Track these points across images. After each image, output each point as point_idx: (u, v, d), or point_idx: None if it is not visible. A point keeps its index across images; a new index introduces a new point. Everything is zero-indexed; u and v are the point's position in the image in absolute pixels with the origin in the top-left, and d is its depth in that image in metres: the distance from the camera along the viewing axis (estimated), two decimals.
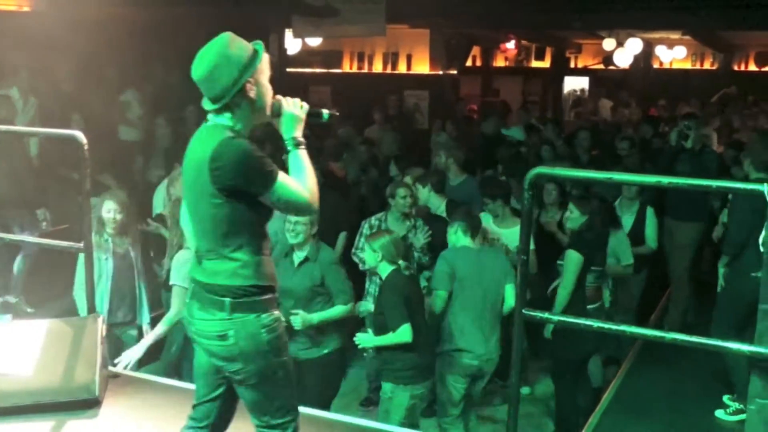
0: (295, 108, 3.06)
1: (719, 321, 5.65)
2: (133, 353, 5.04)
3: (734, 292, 5.65)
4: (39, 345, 4.25)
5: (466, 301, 5.33)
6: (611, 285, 6.46)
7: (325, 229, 6.09)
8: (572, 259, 5.52)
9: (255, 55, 2.95)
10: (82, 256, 4.95)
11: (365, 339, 5.20)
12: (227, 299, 2.90)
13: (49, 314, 5.67)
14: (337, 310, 5.25)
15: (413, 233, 6.23)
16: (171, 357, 5.82)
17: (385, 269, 5.12)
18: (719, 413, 5.67)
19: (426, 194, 6.62)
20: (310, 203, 2.95)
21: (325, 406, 5.17)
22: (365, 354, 6.03)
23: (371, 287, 6.16)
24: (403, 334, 4.92)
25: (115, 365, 4.81)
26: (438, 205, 6.62)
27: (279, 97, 3.06)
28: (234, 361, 2.94)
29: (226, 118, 2.94)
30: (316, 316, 5.18)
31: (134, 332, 5.57)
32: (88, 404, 4.18)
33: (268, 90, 3.02)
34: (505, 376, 5.59)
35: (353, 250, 6.43)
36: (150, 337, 5.26)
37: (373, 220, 6.36)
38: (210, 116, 2.98)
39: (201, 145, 2.90)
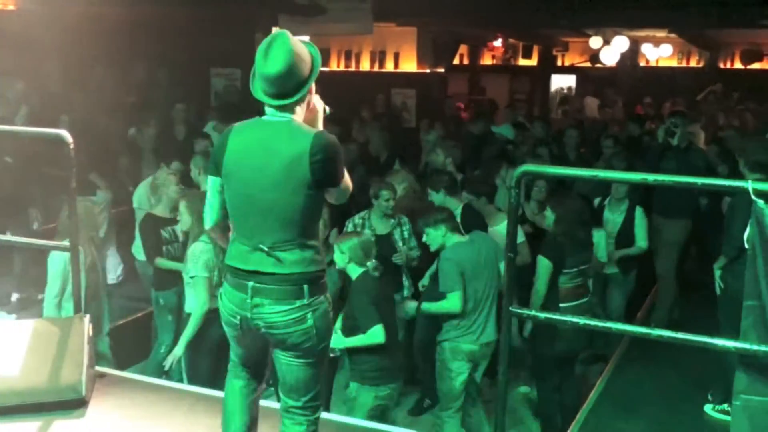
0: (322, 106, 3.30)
1: (725, 326, 5.52)
2: (176, 351, 5.30)
3: (736, 294, 5.63)
4: (25, 345, 4.23)
5: (469, 291, 5.36)
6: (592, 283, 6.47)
7: None
8: (542, 265, 5.57)
9: (318, 57, 3.14)
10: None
11: (336, 340, 5.07)
12: (306, 286, 3.05)
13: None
14: None
15: (398, 231, 6.24)
16: (160, 357, 5.82)
17: (355, 271, 5.08)
18: (708, 408, 5.72)
19: (441, 199, 6.38)
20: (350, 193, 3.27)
21: (326, 408, 5.17)
22: (332, 354, 5.93)
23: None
24: (376, 335, 4.90)
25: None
26: (455, 207, 6.25)
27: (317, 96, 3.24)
28: (307, 341, 3.09)
29: (289, 115, 3.06)
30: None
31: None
32: (75, 404, 4.17)
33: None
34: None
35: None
36: (188, 332, 5.33)
37: (357, 218, 6.34)
38: (270, 111, 3.08)
39: (283, 138, 3.00)
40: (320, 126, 3.20)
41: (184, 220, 5.58)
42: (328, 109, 3.33)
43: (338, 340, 5.09)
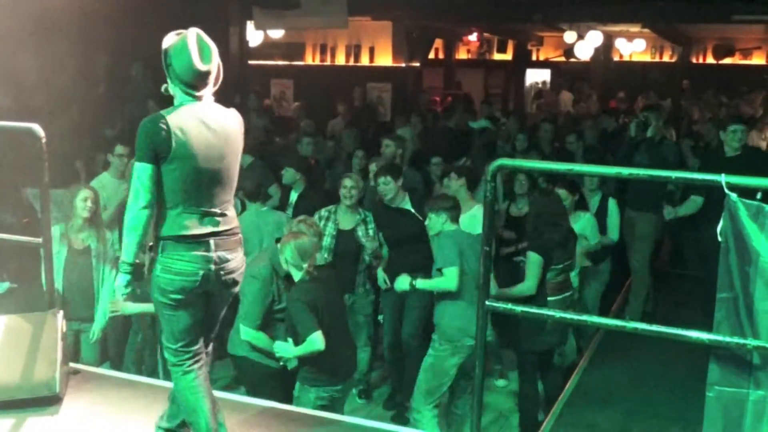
0: None
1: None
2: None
3: None
4: None
5: (465, 282, 5.31)
6: (577, 277, 6.53)
7: None
8: (533, 261, 5.57)
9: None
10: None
11: (283, 349, 4.90)
12: (239, 236, 3.66)
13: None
14: None
15: (362, 228, 6.22)
16: (136, 346, 5.83)
17: (295, 275, 4.85)
18: None
19: (457, 187, 6.35)
20: None
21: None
22: (281, 363, 5.45)
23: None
24: (314, 342, 4.65)
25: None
26: (471, 206, 6.23)
27: None
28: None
29: (211, 98, 3.54)
30: None
31: (93, 327, 5.52)
32: (49, 401, 4.14)
33: None
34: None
35: None
36: None
37: (324, 211, 6.29)
38: (207, 97, 3.51)
39: (220, 117, 3.53)
40: None
41: None
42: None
43: (285, 349, 4.88)
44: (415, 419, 5.51)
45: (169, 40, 3.44)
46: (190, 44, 3.39)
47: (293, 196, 6.98)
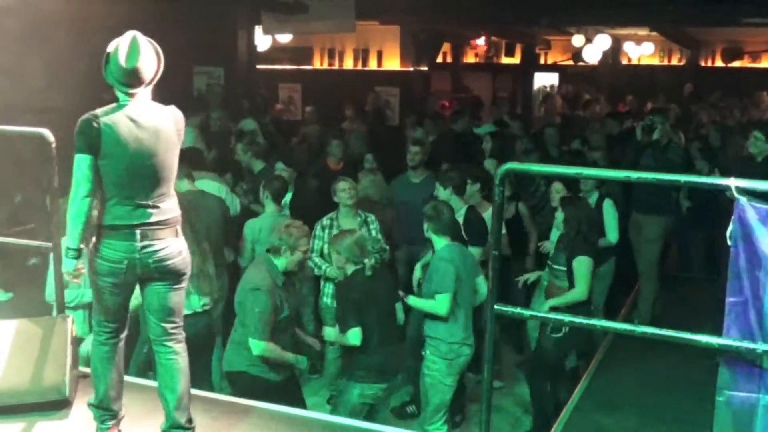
0: None
1: None
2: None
3: None
4: (7, 346, 4.20)
5: (462, 297, 5.31)
6: None
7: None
8: (584, 263, 5.59)
9: (160, 54, 3.74)
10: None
11: (329, 333, 5.34)
12: (173, 227, 3.81)
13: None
14: None
15: (365, 229, 6.22)
16: (143, 357, 5.80)
17: (350, 269, 5.16)
18: None
19: (447, 196, 6.31)
20: None
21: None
22: (331, 347, 6.09)
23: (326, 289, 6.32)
24: (352, 337, 4.96)
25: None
26: (459, 208, 6.24)
27: None
28: (185, 271, 3.88)
29: (147, 98, 3.76)
30: None
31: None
32: (59, 405, 4.15)
33: None
34: (477, 369, 5.60)
35: (309, 254, 6.39)
36: None
37: (325, 220, 6.34)
38: (142, 95, 3.71)
39: (152, 115, 3.71)
40: None
41: None
42: None
43: (331, 333, 5.25)
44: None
45: (111, 44, 3.67)
46: (121, 45, 3.62)
47: (287, 197, 6.98)
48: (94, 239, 3.77)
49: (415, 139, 8.34)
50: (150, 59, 3.67)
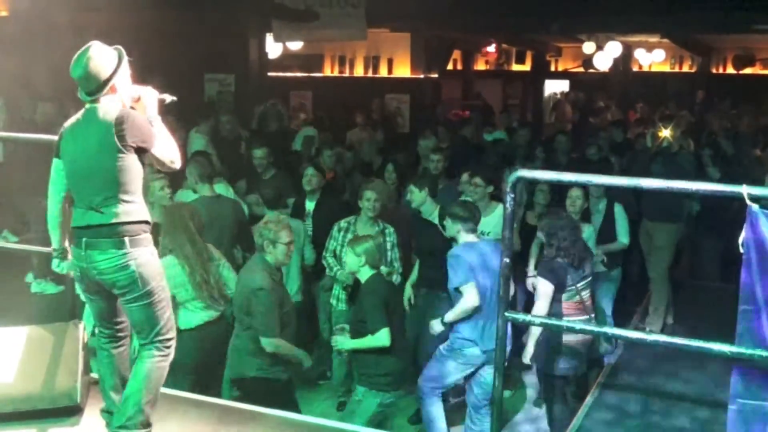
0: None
1: None
2: None
3: None
4: (19, 352, 4.21)
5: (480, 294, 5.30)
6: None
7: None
8: (543, 287, 5.50)
9: (123, 60, 3.72)
10: None
11: (342, 341, 5.23)
12: (127, 237, 3.63)
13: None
14: None
15: (380, 239, 6.18)
16: None
17: (366, 273, 5.14)
18: None
19: (422, 198, 6.37)
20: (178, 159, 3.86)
21: None
22: (339, 357, 6.03)
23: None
24: (382, 338, 4.95)
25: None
26: (431, 211, 6.34)
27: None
28: (133, 285, 3.65)
29: (97, 104, 3.69)
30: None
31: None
32: (70, 411, 4.15)
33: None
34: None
35: (323, 254, 6.40)
36: None
37: (343, 223, 6.33)
38: (104, 101, 3.68)
39: (96, 118, 3.65)
40: (153, 113, 3.77)
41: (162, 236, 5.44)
42: (168, 98, 3.86)
43: (344, 342, 5.17)
44: (421, 399, 5.52)
45: None
46: (75, 55, 3.70)
47: (310, 206, 6.99)
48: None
49: (435, 147, 8.31)
50: (99, 66, 3.65)
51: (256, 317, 4.89)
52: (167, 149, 3.78)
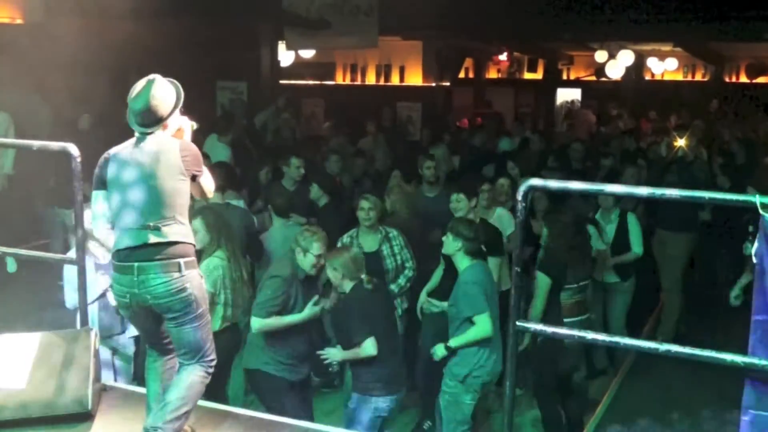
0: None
1: None
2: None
3: None
4: (31, 358, 4.23)
5: (492, 315, 5.25)
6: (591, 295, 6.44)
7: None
8: (541, 281, 5.54)
9: (180, 95, 3.84)
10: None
11: (333, 353, 5.29)
12: (181, 260, 3.67)
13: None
14: None
15: (386, 246, 6.17)
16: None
17: (347, 285, 5.16)
18: None
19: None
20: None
21: None
22: (330, 369, 6.13)
23: None
24: (367, 348, 4.99)
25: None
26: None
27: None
28: (188, 308, 3.67)
29: (151, 135, 3.79)
30: None
31: (124, 341, 5.51)
32: (81, 418, 4.16)
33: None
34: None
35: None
36: None
37: (345, 237, 6.24)
38: (155, 134, 3.77)
39: (153, 145, 3.74)
40: (188, 139, 3.91)
41: (200, 237, 5.41)
42: (195, 125, 4.03)
43: (334, 354, 5.25)
44: None
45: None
46: (135, 87, 3.76)
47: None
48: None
49: (427, 154, 8.30)
50: (161, 100, 3.74)
51: (258, 296, 5.13)
52: (210, 180, 3.96)
